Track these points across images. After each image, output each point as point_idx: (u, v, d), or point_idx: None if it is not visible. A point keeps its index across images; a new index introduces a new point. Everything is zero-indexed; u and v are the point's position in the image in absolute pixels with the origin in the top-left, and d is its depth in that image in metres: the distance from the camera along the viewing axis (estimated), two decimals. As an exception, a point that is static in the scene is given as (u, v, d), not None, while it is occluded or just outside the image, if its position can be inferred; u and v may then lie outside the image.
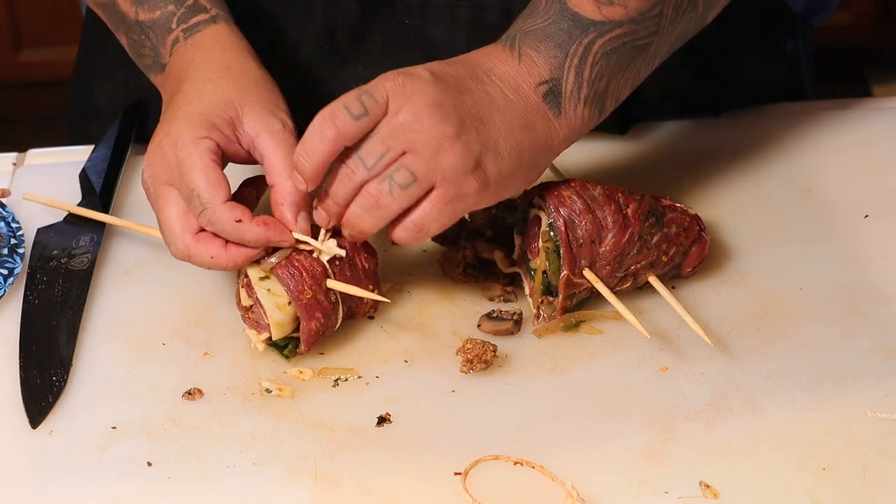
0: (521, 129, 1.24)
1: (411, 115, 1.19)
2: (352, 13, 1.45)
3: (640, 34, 1.26)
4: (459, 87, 1.22)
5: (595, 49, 1.25)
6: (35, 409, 1.24)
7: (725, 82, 1.56)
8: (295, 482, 1.17)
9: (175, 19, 1.34)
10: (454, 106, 1.20)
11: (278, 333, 1.26)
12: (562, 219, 1.29)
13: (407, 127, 1.19)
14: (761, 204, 1.44)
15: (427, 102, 1.19)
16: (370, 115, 1.19)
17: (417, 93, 1.20)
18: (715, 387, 1.25)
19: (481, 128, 1.22)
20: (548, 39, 1.25)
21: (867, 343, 1.28)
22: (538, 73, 1.24)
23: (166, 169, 1.25)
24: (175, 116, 1.27)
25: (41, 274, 1.36)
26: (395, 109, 1.20)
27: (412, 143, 1.19)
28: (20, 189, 1.47)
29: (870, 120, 1.55)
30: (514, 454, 1.18)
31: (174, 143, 1.25)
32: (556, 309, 1.31)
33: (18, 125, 3.14)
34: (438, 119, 1.20)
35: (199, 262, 1.25)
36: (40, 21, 3.07)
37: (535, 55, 1.25)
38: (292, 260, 1.26)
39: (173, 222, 1.25)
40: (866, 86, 3.17)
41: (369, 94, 1.20)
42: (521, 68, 1.24)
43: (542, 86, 1.24)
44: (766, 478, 1.17)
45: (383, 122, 1.20)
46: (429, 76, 1.21)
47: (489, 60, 1.25)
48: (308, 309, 1.25)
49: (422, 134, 1.19)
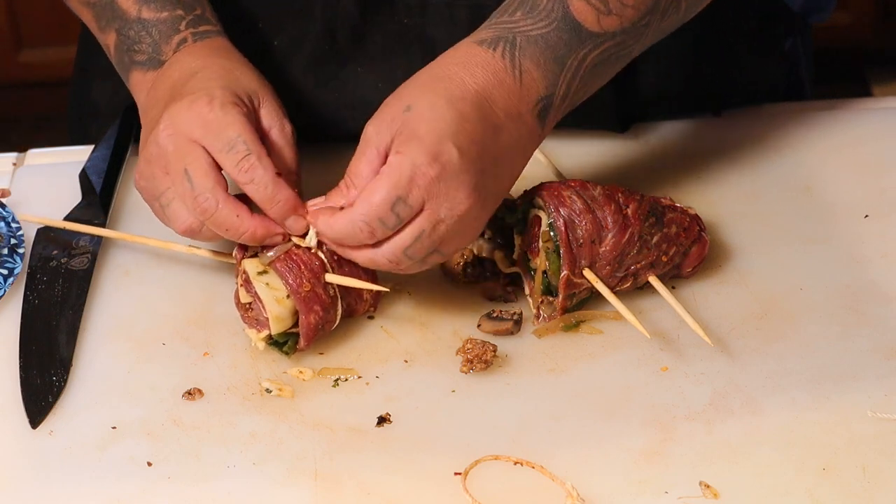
0: (520, 158, 1.25)
1: (452, 211, 1.20)
2: (351, 13, 1.44)
3: (627, 44, 1.26)
4: (482, 156, 1.20)
5: (588, 62, 1.25)
6: (35, 409, 1.24)
7: (724, 81, 1.56)
8: (295, 482, 1.17)
9: (184, 23, 1.34)
10: (485, 186, 1.21)
11: (277, 327, 1.26)
12: (562, 219, 1.28)
13: (447, 222, 1.20)
14: (761, 204, 1.44)
15: (466, 195, 1.19)
16: (406, 220, 1.20)
17: (453, 188, 1.19)
18: (715, 387, 1.25)
19: (499, 188, 1.24)
20: (548, 51, 1.23)
21: (867, 343, 1.28)
22: (536, 91, 1.23)
23: (198, 125, 1.23)
24: (207, 85, 1.26)
25: (41, 274, 1.36)
26: (434, 206, 1.19)
27: (452, 237, 1.22)
28: (20, 189, 1.47)
29: (870, 120, 1.55)
30: (514, 454, 1.18)
31: (210, 101, 1.24)
32: (556, 309, 1.31)
33: (18, 125, 3.14)
34: (474, 210, 1.21)
35: (221, 221, 1.23)
36: (40, 21, 3.07)
37: (535, 71, 1.23)
38: (290, 254, 1.26)
39: (206, 175, 1.23)
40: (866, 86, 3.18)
41: (405, 203, 1.18)
42: (521, 92, 1.23)
43: (538, 104, 1.24)
44: (766, 478, 1.17)
45: (425, 217, 1.20)
46: (458, 160, 1.18)
47: (492, 88, 1.22)
48: (307, 302, 1.25)
49: (462, 228, 1.21)
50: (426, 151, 1.18)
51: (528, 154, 1.26)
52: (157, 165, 1.26)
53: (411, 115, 1.19)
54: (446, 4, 1.43)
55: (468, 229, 1.22)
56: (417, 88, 1.22)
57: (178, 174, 1.24)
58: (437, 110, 1.19)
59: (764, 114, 1.56)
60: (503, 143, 1.22)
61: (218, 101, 1.24)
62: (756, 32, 1.56)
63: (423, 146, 1.18)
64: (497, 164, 1.22)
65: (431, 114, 1.19)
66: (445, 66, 1.23)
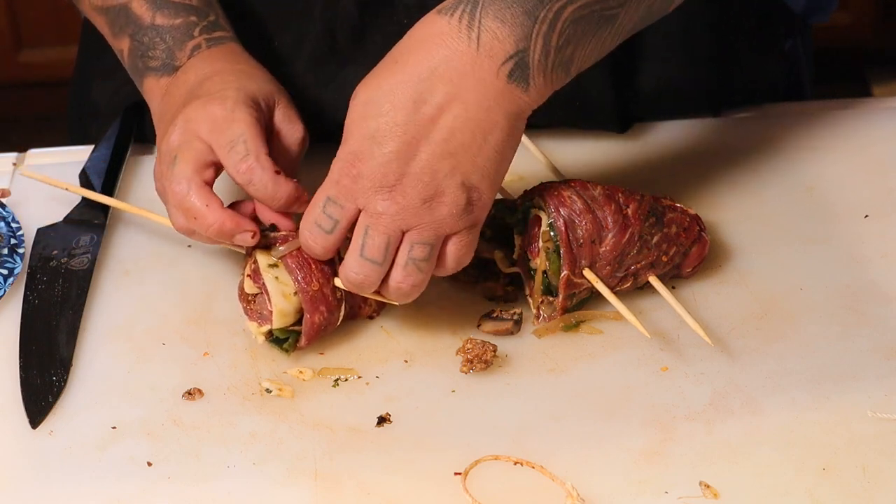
0: (492, 130, 1.19)
1: (385, 201, 1.18)
2: (351, 14, 1.45)
3: (609, 4, 1.20)
4: (412, 142, 1.18)
5: (565, 15, 1.19)
6: (35, 409, 1.24)
7: (724, 81, 1.56)
8: (295, 482, 1.17)
9: (198, 29, 1.35)
10: (420, 169, 1.18)
11: (280, 322, 1.26)
12: (562, 219, 1.29)
13: (389, 212, 1.19)
14: (761, 204, 1.44)
15: (391, 186, 1.18)
16: (339, 220, 1.20)
17: (378, 179, 1.18)
18: (715, 387, 1.25)
19: (455, 161, 1.19)
20: (516, 5, 1.18)
21: (867, 343, 1.28)
22: (502, 50, 1.18)
23: (207, 123, 1.25)
24: (223, 87, 1.28)
25: (41, 274, 1.36)
26: (366, 203, 1.19)
27: (403, 222, 1.19)
28: (20, 189, 1.47)
29: (870, 120, 1.55)
30: (514, 454, 1.18)
31: (223, 101, 1.26)
32: (556, 309, 1.31)
33: (18, 125, 3.14)
34: (410, 192, 1.18)
35: (188, 207, 1.25)
36: (40, 21, 3.07)
37: (499, 28, 1.17)
38: (302, 252, 1.26)
39: (187, 164, 1.25)
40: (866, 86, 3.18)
41: (333, 201, 1.20)
42: (479, 55, 1.18)
43: (507, 64, 1.18)
44: (766, 478, 1.16)
45: (363, 216, 1.19)
46: (379, 155, 1.18)
47: (440, 61, 1.18)
48: (314, 301, 1.25)
49: (405, 211, 1.19)
50: (348, 152, 1.19)
51: (504, 121, 1.20)
52: (165, 164, 1.27)
53: (351, 111, 1.20)
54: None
55: (425, 212, 1.19)
56: (369, 79, 1.21)
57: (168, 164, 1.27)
58: (370, 106, 1.19)
59: (764, 114, 1.56)
60: (449, 122, 1.18)
61: (231, 101, 1.26)
62: (756, 32, 1.56)
63: (347, 147, 1.19)
64: (445, 143, 1.18)
65: (364, 110, 1.19)
66: (400, 48, 1.21)
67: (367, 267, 1.21)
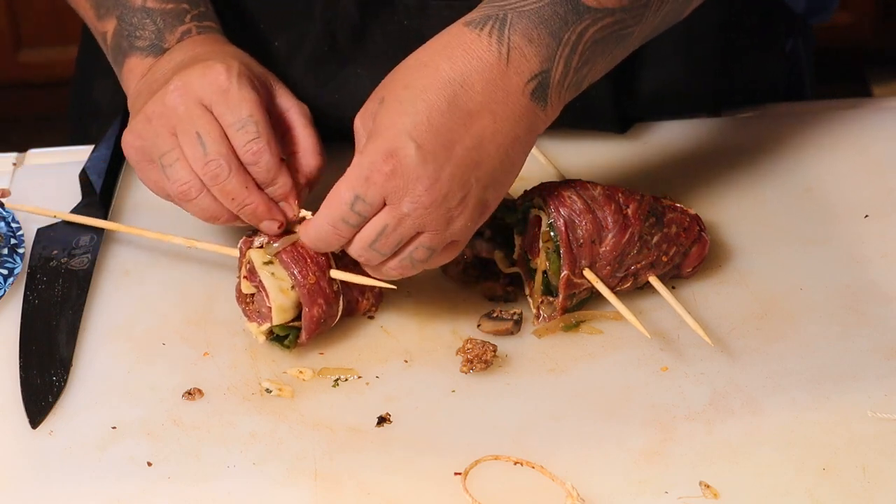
0: (513, 145, 1.21)
1: (413, 203, 1.18)
2: (351, 14, 1.45)
3: (627, 23, 1.23)
4: (447, 144, 1.18)
5: (586, 37, 1.21)
6: (35, 409, 1.24)
7: (725, 81, 1.56)
8: (295, 482, 1.17)
9: (189, 16, 1.35)
10: (450, 175, 1.18)
11: (280, 318, 1.26)
12: (562, 219, 1.28)
13: (413, 215, 1.19)
14: (761, 204, 1.44)
15: (425, 187, 1.18)
16: (367, 217, 1.20)
17: (411, 180, 1.18)
18: (715, 387, 1.25)
19: (480, 173, 1.20)
20: (542, 26, 1.20)
21: (867, 343, 1.28)
22: (528, 69, 1.20)
23: (213, 91, 1.25)
24: (226, 60, 1.28)
25: (41, 274, 1.36)
26: (394, 202, 1.19)
27: (423, 225, 1.20)
28: (20, 189, 1.47)
29: (870, 120, 1.55)
30: (514, 454, 1.18)
31: (227, 69, 1.26)
32: (556, 309, 1.31)
33: (18, 125, 3.14)
34: (440, 198, 1.18)
35: (230, 189, 1.24)
36: (40, 21, 3.07)
37: (526, 47, 1.19)
38: (297, 246, 1.26)
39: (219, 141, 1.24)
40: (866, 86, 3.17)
41: (363, 200, 1.19)
42: (508, 70, 1.19)
43: (532, 82, 1.20)
44: (766, 478, 1.17)
45: (388, 212, 1.19)
46: (415, 153, 1.17)
47: (471, 70, 1.19)
48: (311, 294, 1.25)
49: (429, 216, 1.19)
50: (383, 149, 1.18)
51: (524, 136, 1.21)
52: (161, 125, 1.26)
53: (381, 108, 1.20)
54: (446, 5, 1.42)
55: (444, 221, 1.20)
56: (395, 79, 1.21)
57: (189, 136, 1.25)
58: (404, 104, 1.18)
59: (764, 114, 1.56)
60: (479, 130, 1.19)
61: (235, 71, 1.26)
62: (757, 32, 1.56)
63: (381, 143, 1.18)
64: (475, 152, 1.19)
65: (397, 107, 1.19)
66: (427, 52, 1.21)
67: (372, 256, 1.22)
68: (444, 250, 1.23)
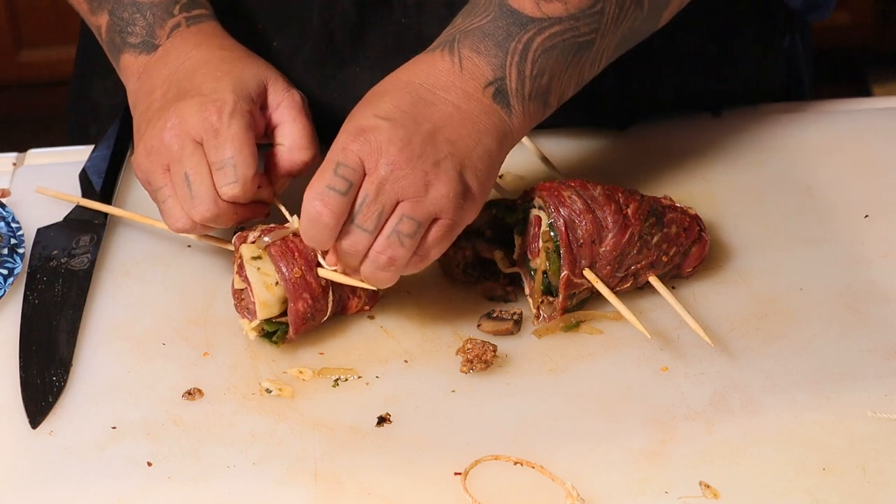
0: (484, 134, 1.25)
1: (389, 165, 1.21)
2: (349, 14, 1.44)
3: (581, 30, 1.26)
4: (416, 119, 1.22)
5: (534, 46, 1.25)
6: (35, 409, 1.24)
7: (724, 80, 1.56)
8: (295, 482, 1.17)
9: (178, 7, 1.35)
10: (422, 140, 1.22)
11: (263, 313, 1.26)
12: (562, 219, 1.29)
13: (391, 178, 1.21)
14: (761, 204, 1.44)
15: (398, 148, 1.21)
16: (353, 183, 1.21)
17: (384, 143, 1.21)
18: (715, 387, 1.25)
19: (453, 148, 1.23)
20: (487, 39, 1.25)
21: (867, 343, 1.28)
22: (482, 75, 1.25)
23: (204, 129, 1.26)
24: (217, 86, 1.29)
25: (41, 274, 1.36)
26: (371, 167, 1.21)
27: (401, 190, 1.21)
28: (20, 189, 1.47)
29: (870, 120, 1.55)
30: (514, 454, 1.18)
31: (220, 107, 1.27)
32: (556, 309, 1.31)
33: (18, 125, 3.14)
34: (415, 157, 1.21)
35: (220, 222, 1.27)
36: (40, 21, 3.07)
37: (476, 57, 1.25)
38: (287, 240, 1.27)
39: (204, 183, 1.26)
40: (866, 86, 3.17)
41: (344, 164, 1.21)
42: (463, 75, 1.25)
43: (489, 88, 1.25)
44: (766, 478, 1.17)
45: (366, 182, 1.21)
46: (385, 124, 1.22)
47: (429, 76, 1.25)
48: (296, 288, 1.26)
49: (406, 178, 1.21)
50: (354, 127, 1.23)
51: (493, 131, 1.25)
52: (156, 161, 1.27)
53: (352, 113, 1.25)
54: (443, 4, 1.43)
55: (421, 187, 1.21)
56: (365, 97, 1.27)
57: (178, 177, 1.27)
58: (370, 101, 1.25)
59: (764, 113, 1.56)
60: (443, 113, 1.23)
61: (228, 109, 1.27)
62: (755, 31, 1.56)
63: (352, 124, 1.23)
64: (442, 130, 1.23)
65: (363, 105, 1.25)
66: (393, 73, 1.28)
67: (356, 234, 1.22)
68: (438, 235, 1.23)
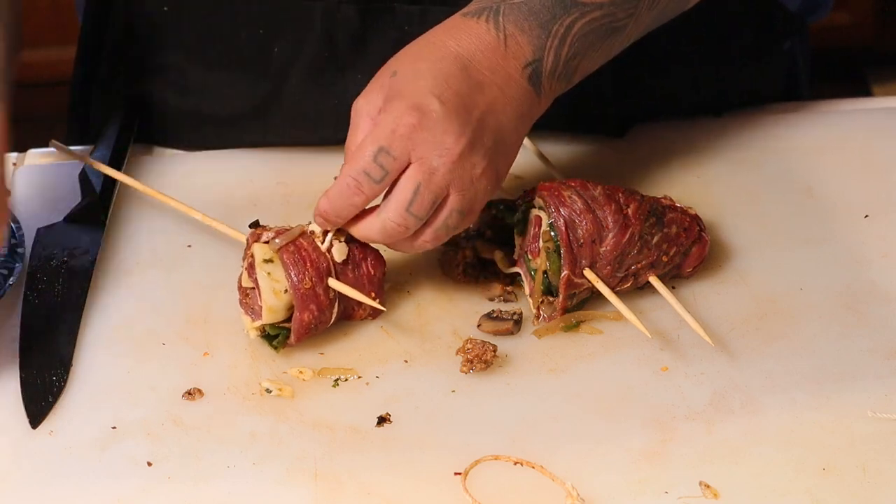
0: (519, 120, 1.25)
1: (443, 158, 1.20)
2: (351, 20, 1.44)
3: (618, 16, 1.27)
4: (468, 106, 1.21)
5: (575, 30, 1.25)
6: (35, 409, 1.24)
7: (723, 81, 1.56)
8: (295, 482, 1.17)
9: None
10: (473, 130, 1.21)
11: (269, 318, 1.26)
12: (562, 219, 1.29)
13: (443, 170, 1.20)
14: (761, 204, 1.44)
15: (454, 139, 1.20)
16: (390, 173, 1.20)
17: (440, 133, 1.20)
18: (715, 387, 1.25)
19: (497, 137, 1.23)
20: (531, 18, 1.24)
21: (867, 343, 1.28)
22: (523, 55, 1.24)
23: None
24: None
25: (41, 274, 1.36)
26: (424, 156, 1.20)
27: (452, 182, 1.21)
28: (20, 189, 1.47)
29: (870, 120, 1.55)
30: (514, 454, 1.18)
31: None
32: (557, 309, 1.31)
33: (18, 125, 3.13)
34: (466, 150, 1.20)
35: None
36: (40, 21, 3.07)
37: (520, 35, 1.24)
38: (300, 248, 1.26)
39: None
40: (866, 86, 3.17)
41: (387, 152, 1.19)
42: (507, 54, 1.24)
43: (528, 68, 1.24)
44: (766, 478, 1.17)
45: (417, 170, 1.20)
46: (440, 108, 1.20)
47: (476, 52, 1.23)
48: (304, 299, 1.25)
49: (456, 170, 1.20)
50: (406, 104, 1.20)
51: (526, 115, 1.26)
52: None
53: (396, 79, 1.22)
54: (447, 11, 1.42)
55: (469, 179, 1.21)
56: (403, 56, 1.24)
57: None
58: (420, 71, 1.22)
59: (764, 114, 1.56)
60: (490, 98, 1.23)
61: None
62: (754, 32, 1.56)
63: (404, 100, 1.20)
64: (488, 117, 1.22)
65: (413, 75, 1.22)
66: (432, 35, 1.25)
67: (409, 220, 1.22)
68: (467, 221, 1.25)
